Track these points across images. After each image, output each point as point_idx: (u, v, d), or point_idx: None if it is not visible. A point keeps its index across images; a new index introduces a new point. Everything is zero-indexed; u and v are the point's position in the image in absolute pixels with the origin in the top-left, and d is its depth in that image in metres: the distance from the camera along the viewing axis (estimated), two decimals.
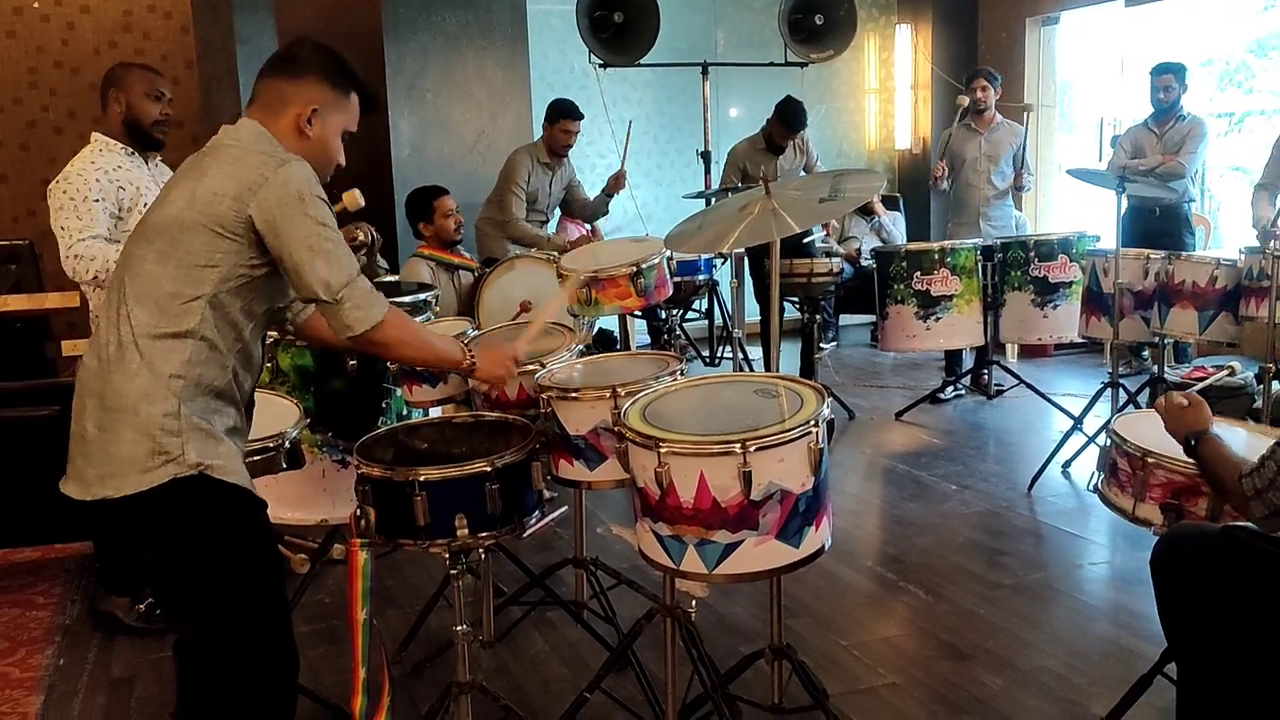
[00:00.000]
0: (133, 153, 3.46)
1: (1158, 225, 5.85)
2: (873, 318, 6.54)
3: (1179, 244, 5.73)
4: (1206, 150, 6.01)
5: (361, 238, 4.30)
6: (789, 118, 6.03)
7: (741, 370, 5.84)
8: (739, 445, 2.04)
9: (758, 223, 2.65)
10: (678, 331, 6.13)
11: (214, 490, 1.97)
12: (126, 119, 3.44)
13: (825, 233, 6.10)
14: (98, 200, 3.30)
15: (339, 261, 1.98)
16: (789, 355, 6.49)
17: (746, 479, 2.04)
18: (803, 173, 6.32)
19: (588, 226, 6.22)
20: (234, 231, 1.95)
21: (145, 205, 3.19)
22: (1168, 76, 5.86)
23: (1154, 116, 6.00)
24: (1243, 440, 2.60)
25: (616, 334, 5.95)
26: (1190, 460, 2.33)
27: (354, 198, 3.52)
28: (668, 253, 3.29)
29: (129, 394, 1.94)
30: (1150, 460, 2.48)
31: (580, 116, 5.78)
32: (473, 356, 2.30)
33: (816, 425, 2.11)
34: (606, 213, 6.20)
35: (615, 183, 6.03)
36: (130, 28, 6.95)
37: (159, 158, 3.57)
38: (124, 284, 1.99)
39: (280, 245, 1.96)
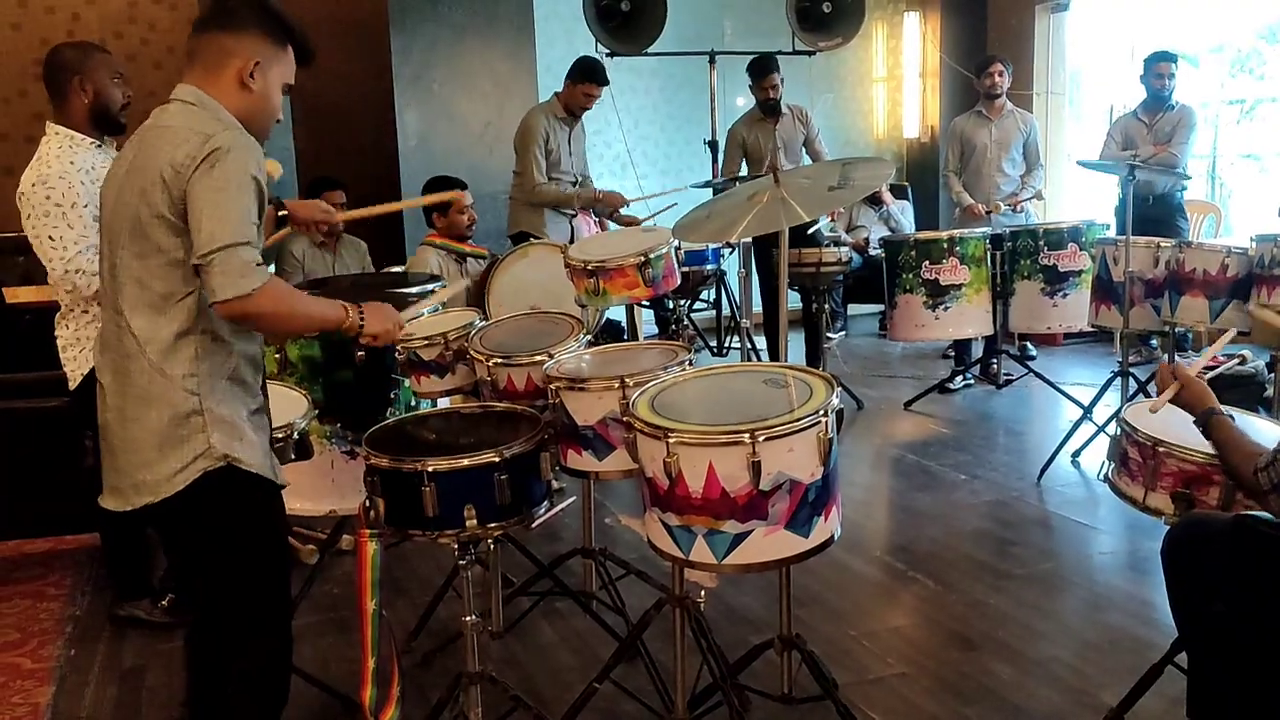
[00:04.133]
0: (100, 145, 3.30)
1: (1150, 212, 5.82)
2: (881, 307, 6.52)
3: (1172, 231, 5.71)
4: (1197, 138, 5.98)
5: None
6: (751, 67, 6.13)
7: (750, 360, 5.84)
8: (748, 435, 2.03)
9: (766, 212, 2.64)
10: (685, 321, 6.11)
11: (240, 480, 2.02)
12: (94, 107, 3.25)
13: (830, 220, 6.08)
14: (86, 205, 3.15)
15: (220, 224, 1.88)
16: (795, 345, 6.48)
17: (755, 469, 2.03)
18: (803, 147, 6.33)
19: (594, 218, 6.19)
20: (186, 217, 1.93)
21: None
22: (1167, 64, 5.83)
23: (1144, 105, 5.98)
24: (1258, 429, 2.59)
25: (624, 324, 5.94)
26: (1202, 450, 2.32)
27: (274, 167, 3.21)
28: (675, 242, 3.28)
29: (148, 402, 1.98)
30: (1161, 449, 2.46)
31: (605, 82, 5.59)
32: (361, 313, 2.18)
33: (826, 415, 2.10)
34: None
35: (613, 204, 5.77)
36: (135, 19, 6.94)
37: (114, 143, 3.36)
38: (115, 295, 2.00)
39: (187, 210, 1.91)
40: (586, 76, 5.54)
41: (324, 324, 2.15)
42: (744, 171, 6.30)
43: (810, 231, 5.77)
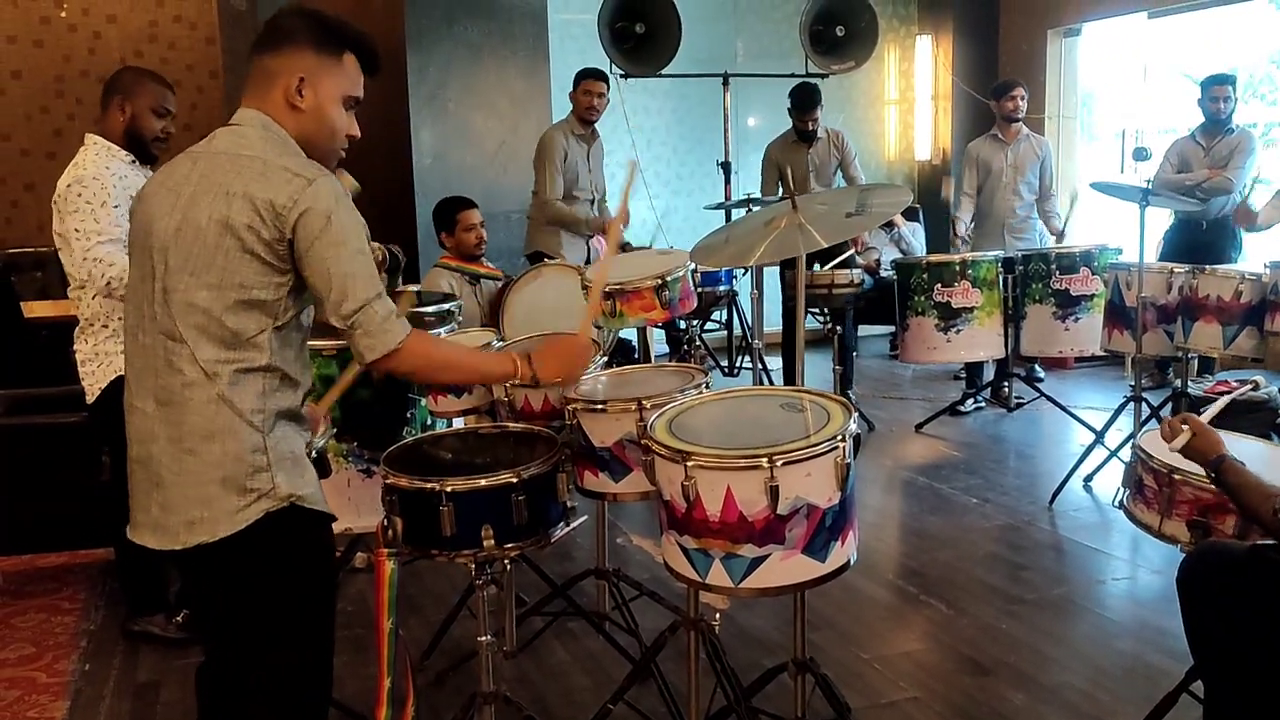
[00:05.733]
0: (134, 162, 3.36)
1: (1204, 238, 5.78)
2: (892, 329, 6.52)
3: (1223, 258, 5.62)
4: (1255, 164, 5.87)
5: (377, 257, 4.24)
6: (795, 97, 6.16)
7: (761, 381, 5.83)
8: (766, 459, 2.04)
9: (784, 237, 2.66)
10: (697, 342, 6.13)
11: (303, 520, 1.94)
12: (128, 128, 3.34)
13: (855, 249, 6.08)
14: (116, 206, 3.21)
15: (354, 285, 1.86)
16: (812, 367, 6.47)
17: (773, 493, 2.04)
18: (838, 170, 6.34)
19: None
20: (281, 258, 1.87)
21: None
22: (1224, 87, 5.74)
23: (1202, 128, 5.88)
24: (1266, 455, 2.60)
25: (635, 344, 5.95)
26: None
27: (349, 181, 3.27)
28: (692, 265, 3.30)
29: (211, 434, 1.86)
30: (1177, 477, 2.47)
31: (604, 77, 5.64)
32: (530, 364, 2.16)
33: (844, 440, 2.11)
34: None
35: (608, 228, 5.46)
36: (156, 38, 7.02)
37: (149, 169, 3.42)
38: (174, 320, 1.87)
39: (304, 268, 1.88)
40: (584, 76, 5.60)
41: (486, 377, 2.10)
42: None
43: (839, 261, 5.77)
